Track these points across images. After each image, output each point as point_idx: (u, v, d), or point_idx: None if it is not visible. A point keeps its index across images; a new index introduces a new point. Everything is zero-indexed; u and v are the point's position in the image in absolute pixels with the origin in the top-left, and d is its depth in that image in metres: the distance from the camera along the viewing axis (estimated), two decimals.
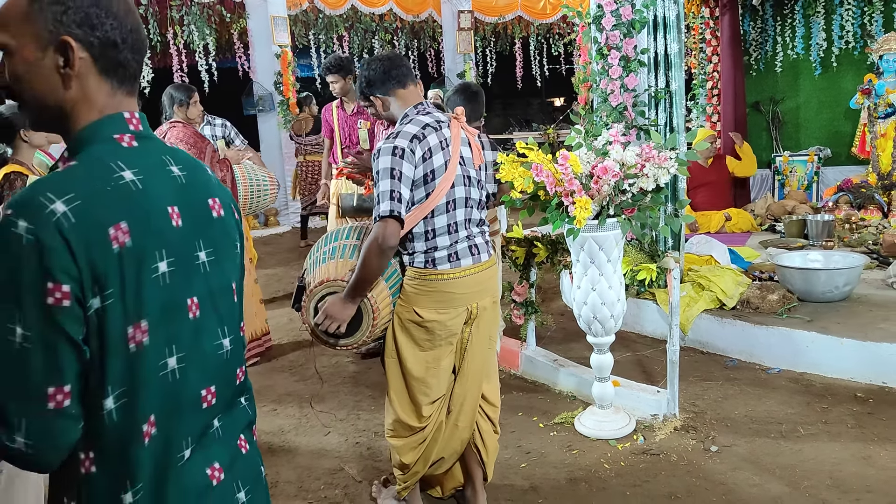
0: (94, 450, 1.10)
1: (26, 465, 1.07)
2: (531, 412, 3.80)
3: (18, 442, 1.03)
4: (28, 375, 1.02)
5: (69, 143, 1.15)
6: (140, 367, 1.10)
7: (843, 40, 7.87)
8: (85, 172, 1.08)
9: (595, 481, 3.10)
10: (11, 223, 1.01)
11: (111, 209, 1.06)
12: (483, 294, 2.60)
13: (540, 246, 4.05)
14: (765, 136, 8.54)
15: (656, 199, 3.22)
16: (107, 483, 1.11)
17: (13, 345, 1.01)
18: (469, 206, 2.57)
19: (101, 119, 1.14)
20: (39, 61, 1.10)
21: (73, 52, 1.10)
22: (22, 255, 1.00)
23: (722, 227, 6.79)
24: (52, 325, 1.02)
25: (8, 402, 1.02)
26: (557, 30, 13.40)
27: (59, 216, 1.01)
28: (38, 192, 1.03)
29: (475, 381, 2.68)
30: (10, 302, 1.01)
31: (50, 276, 1.01)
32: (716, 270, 4.80)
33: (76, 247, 1.02)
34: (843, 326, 4.11)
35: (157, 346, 1.12)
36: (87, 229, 1.03)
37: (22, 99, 1.14)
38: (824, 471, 3.05)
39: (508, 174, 3.14)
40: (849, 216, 6.30)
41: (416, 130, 2.44)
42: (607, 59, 4.67)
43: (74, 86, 1.12)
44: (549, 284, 5.90)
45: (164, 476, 1.14)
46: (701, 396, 3.85)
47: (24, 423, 1.02)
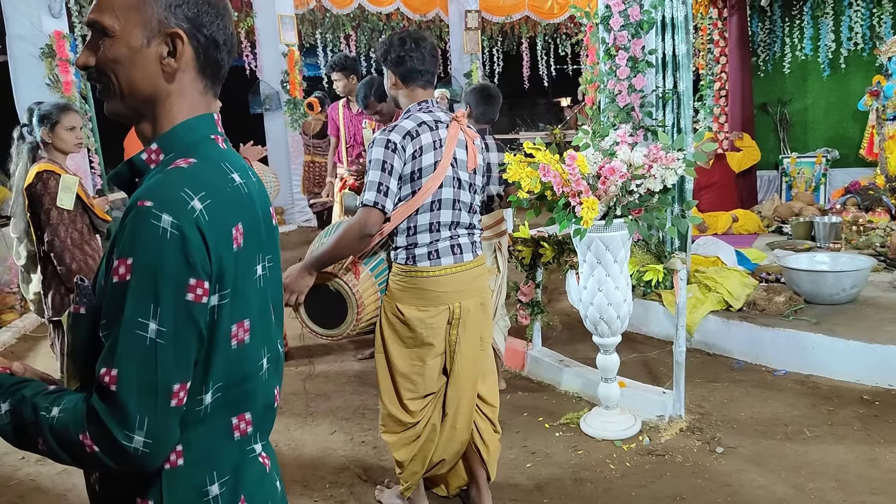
0: (183, 444, 1.08)
1: (132, 466, 1.02)
2: (537, 412, 3.80)
3: (136, 441, 0.99)
4: (157, 371, 0.99)
5: (159, 136, 1.14)
6: (241, 364, 1.11)
7: (852, 42, 7.85)
8: (208, 171, 1.08)
9: (600, 482, 3.10)
10: (154, 215, 0.99)
11: (232, 210, 1.07)
12: (466, 294, 2.59)
13: (546, 246, 4.05)
14: (772, 138, 8.52)
15: (663, 199, 3.22)
16: (193, 475, 1.10)
17: (144, 340, 0.98)
18: (457, 208, 2.57)
19: (197, 118, 1.15)
20: (144, 48, 1.10)
21: (183, 45, 1.11)
22: (165, 249, 0.98)
23: (729, 228, 6.78)
24: (188, 321, 1.01)
25: (130, 398, 0.98)
26: (565, 30, 13.37)
27: (198, 213, 1.01)
28: (177, 188, 1.02)
29: (467, 383, 2.67)
30: (146, 296, 0.98)
31: (194, 272, 1.00)
32: (722, 272, 4.79)
33: (210, 244, 1.02)
34: (849, 329, 4.10)
35: (256, 345, 1.13)
36: (218, 228, 1.04)
37: (112, 82, 1.12)
38: (830, 473, 3.05)
39: (515, 174, 3.15)
40: (856, 218, 6.27)
41: (411, 127, 2.46)
42: (615, 59, 4.67)
43: (173, 79, 1.13)
44: (555, 285, 5.90)
45: (242, 468, 1.16)
46: (707, 398, 3.84)
47: (147, 421, 0.99)
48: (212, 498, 1.11)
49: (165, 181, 1.04)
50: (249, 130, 6.22)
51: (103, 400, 0.99)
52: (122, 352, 0.98)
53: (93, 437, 0.99)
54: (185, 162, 1.08)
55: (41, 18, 6.41)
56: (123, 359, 0.98)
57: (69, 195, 3.17)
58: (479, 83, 4.01)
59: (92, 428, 0.99)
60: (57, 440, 1.02)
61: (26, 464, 3.51)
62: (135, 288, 0.98)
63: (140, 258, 0.98)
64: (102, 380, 0.99)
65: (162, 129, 1.14)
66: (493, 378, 2.87)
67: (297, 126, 9.69)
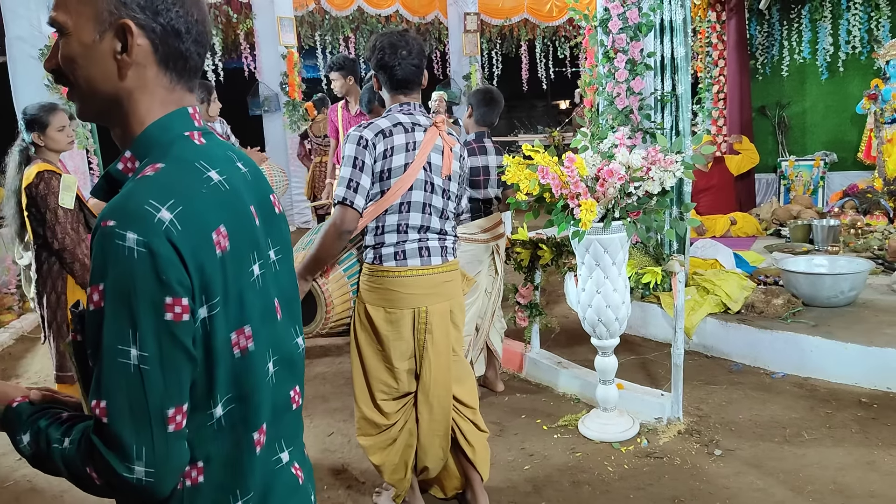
0: (202, 460, 1.04)
1: (140, 496, 0.98)
2: (534, 414, 3.80)
3: (137, 472, 0.95)
4: (146, 398, 0.94)
5: (133, 140, 1.07)
6: (247, 373, 1.06)
7: (850, 45, 7.87)
8: (178, 175, 1.01)
9: (598, 484, 3.10)
10: (118, 235, 0.92)
11: (210, 213, 1.00)
12: (433, 298, 2.57)
13: (545, 248, 4.05)
14: (771, 141, 8.53)
15: (662, 202, 3.22)
16: (215, 493, 1.06)
17: (128, 367, 0.93)
18: (427, 212, 2.56)
19: (168, 115, 1.07)
20: (96, 44, 1.02)
21: (132, 37, 1.02)
22: (135, 270, 0.92)
23: (727, 231, 6.79)
24: (171, 342, 0.95)
25: (124, 429, 0.94)
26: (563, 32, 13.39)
27: (167, 224, 0.94)
28: (141, 200, 0.95)
29: (440, 390, 2.64)
30: (122, 322, 0.93)
31: (169, 290, 0.94)
32: (721, 274, 4.79)
33: (186, 256, 0.95)
34: (847, 331, 4.10)
35: (261, 351, 1.08)
36: (194, 236, 0.97)
37: (73, 84, 1.06)
38: (828, 476, 3.04)
39: (514, 176, 3.15)
40: (854, 221, 6.28)
41: (385, 126, 2.48)
42: (614, 62, 4.68)
43: (131, 74, 1.04)
44: (553, 287, 5.90)
45: (269, 481, 1.11)
46: (705, 400, 3.84)
47: (144, 451, 0.95)
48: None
49: (129, 195, 0.97)
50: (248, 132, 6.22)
51: (98, 434, 0.96)
52: (107, 382, 0.94)
53: (97, 471, 0.97)
54: (152, 169, 1.00)
55: (40, 20, 6.40)
56: (110, 389, 0.94)
57: (70, 194, 3.21)
58: (484, 86, 4.02)
59: (94, 463, 0.97)
60: (69, 471, 1.00)
61: (23, 465, 3.50)
62: (110, 314, 0.93)
63: (111, 283, 0.93)
64: (94, 412, 0.95)
65: (133, 132, 1.07)
66: (471, 381, 2.85)
67: (295, 128, 9.69)
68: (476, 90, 4.02)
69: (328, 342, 5.08)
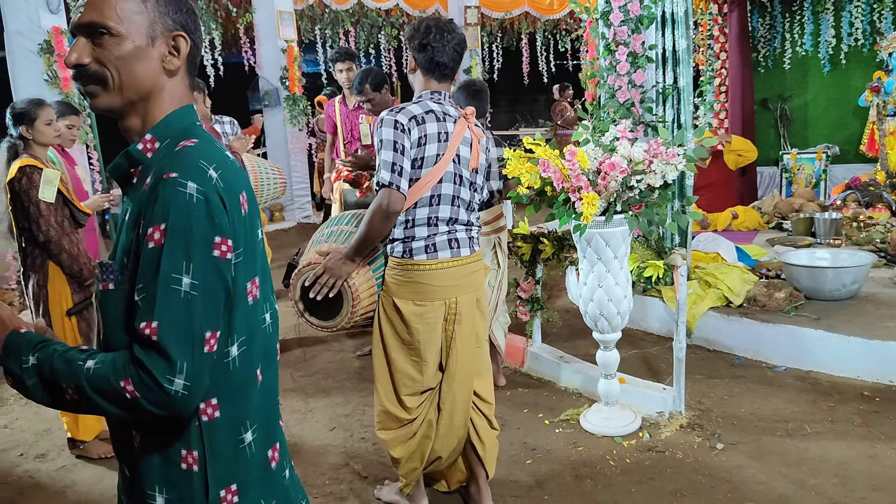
0: (217, 396, 1.21)
1: (169, 409, 1.12)
2: (536, 409, 3.79)
3: (177, 384, 1.11)
4: (192, 320, 1.12)
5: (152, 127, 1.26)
6: (254, 318, 1.25)
7: (853, 37, 7.84)
8: (210, 148, 1.22)
9: (600, 478, 3.09)
10: (180, 184, 1.13)
11: (237, 181, 1.21)
12: (462, 289, 2.57)
13: (546, 242, 4.04)
14: (773, 134, 8.51)
15: (664, 195, 3.21)
16: (229, 425, 1.23)
17: (179, 293, 1.11)
18: (456, 204, 2.55)
19: (183, 108, 1.29)
20: (147, 49, 1.24)
21: (186, 45, 1.28)
22: (193, 212, 1.12)
23: (729, 224, 6.77)
24: (216, 275, 1.15)
25: (171, 345, 1.10)
26: (564, 26, 13.35)
27: (215, 180, 1.16)
28: (194, 160, 1.17)
29: (464, 380, 2.65)
30: (179, 255, 1.11)
31: (218, 230, 1.15)
32: (723, 268, 4.78)
33: (228, 207, 1.17)
34: (850, 325, 4.09)
35: (262, 301, 1.27)
36: (230, 194, 1.18)
37: (112, 78, 1.23)
38: (830, 469, 3.04)
39: (515, 170, 3.13)
40: (857, 214, 6.26)
41: (418, 112, 2.45)
42: (615, 54, 4.65)
43: (174, 75, 1.28)
44: (555, 281, 5.89)
45: (269, 413, 1.32)
46: (707, 394, 3.84)
47: (186, 366, 1.11)
48: (247, 445, 1.26)
49: (182, 156, 1.18)
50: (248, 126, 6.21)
51: (146, 350, 1.10)
52: (160, 305, 1.11)
53: (134, 383, 1.10)
54: (190, 142, 1.22)
55: (39, 14, 6.38)
56: (163, 311, 1.11)
57: (51, 188, 3.23)
58: (464, 79, 3.97)
59: (135, 374, 1.10)
60: (92, 387, 1.12)
61: (25, 460, 3.50)
62: (169, 248, 1.11)
63: (172, 222, 1.11)
64: (143, 332, 1.10)
65: (153, 120, 1.27)
66: (489, 375, 2.85)
67: (296, 122, 9.66)
68: (459, 87, 3.93)
69: (330, 337, 5.08)
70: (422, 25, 2.51)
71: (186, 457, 1.21)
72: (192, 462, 1.21)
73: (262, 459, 1.30)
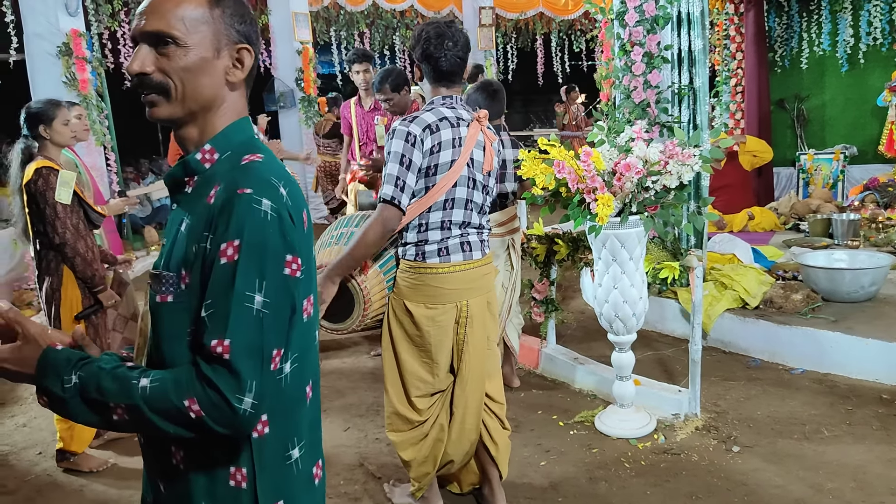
0: (268, 412, 1.20)
1: (234, 428, 1.11)
2: (551, 410, 3.78)
3: (246, 403, 1.09)
4: (263, 338, 1.11)
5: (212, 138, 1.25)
6: (308, 335, 1.25)
7: (871, 37, 7.76)
8: (276, 165, 1.22)
9: (615, 480, 3.08)
10: (255, 200, 1.12)
11: (300, 198, 1.22)
12: (474, 292, 2.57)
13: (561, 243, 4.03)
14: (789, 134, 8.44)
15: (679, 196, 3.19)
16: (278, 442, 1.22)
17: (251, 311, 1.10)
18: (469, 208, 2.54)
19: (241, 120, 1.29)
20: (213, 59, 1.23)
21: (251, 58, 1.27)
22: (268, 230, 1.11)
23: (745, 225, 6.72)
24: (285, 293, 1.14)
25: (242, 364, 1.09)
26: (579, 26, 13.32)
27: (286, 197, 1.16)
28: (266, 176, 1.16)
29: (476, 383, 2.64)
30: (253, 272, 1.10)
31: (290, 248, 1.14)
32: (739, 269, 4.75)
33: (297, 225, 1.17)
34: (868, 327, 4.05)
35: (314, 319, 1.27)
36: (297, 211, 1.18)
37: (174, 88, 1.21)
38: (848, 473, 3.01)
39: (530, 171, 3.13)
40: (875, 215, 6.20)
41: (431, 121, 2.44)
42: (630, 55, 4.64)
43: (236, 87, 1.27)
44: (569, 282, 5.87)
45: (315, 430, 1.32)
46: (723, 396, 3.81)
47: (255, 384, 1.10)
48: (293, 461, 1.25)
49: (253, 171, 1.16)
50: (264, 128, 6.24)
51: (215, 368, 1.08)
52: (233, 323, 1.09)
53: (201, 403, 1.08)
54: (257, 157, 1.21)
55: (58, 17, 6.45)
56: (235, 329, 1.09)
57: (67, 189, 3.22)
58: (482, 80, 3.96)
59: (202, 393, 1.08)
60: (151, 407, 1.09)
61: (43, 459, 3.54)
62: (243, 265, 1.10)
63: (247, 239, 1.10)
64: (214, 350, 1.08)
65: (212, 131, 1.25)
66: (499, 376, 2.85)
67: (311, 123, 9.70)
68: (476, 88, 3.89)
69: (344, 337, 5.09)
70: (421, 35, 2.50)
71: (235, 474, 1.20)
72: (241, 479, 1.20)
73: (308, 476, 1.29)
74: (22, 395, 4.34)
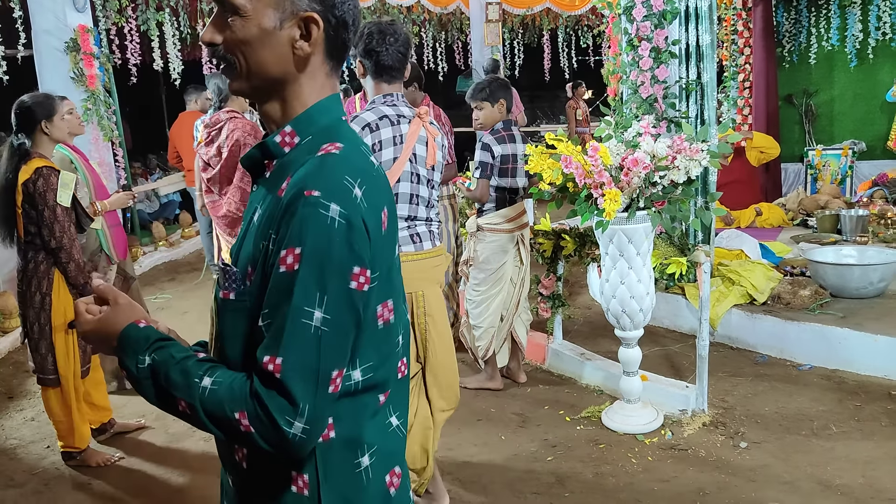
0: (333, 417, 1.09)
1: (285, 451, 1.02)
2: (558, 406, 3.78)
3: (296, 427, 1.00)
4: (320, 359, 1.01)
5: (293, 117, 1.13)
6: (385, 343, 1.13)
7: (881, 31, 7.71)
8: (357, 157, 1.09)
9: (622, 476, 3.08)
10: (322, 205, 1.00)
11: (380, 195, 1.08)
12: (427, 282, 2.65)
13: (567, 239, 4.03)
14: (797, 130, 8.40)
15: (687, 191, 3.18)
16: (344, 449, 1.11)
17: (309, 328, 1.00)
18: (414, 202, 2.61)
19: (328, 99, 1.15)
20: (276, 31, 1.09)
21: (318, 29, 1.10)
22: (333, 238, 1.00)
23: (753, 221, 6.70)
24: (349, 309, 1.03)
25: (295, 385, 0.99)
26: (586, 21, 13.27)
27: (360, 199, 1.03)
28: (339, 176, 1.03)
29: (447, 371, 2.72)
30: (313, 285, 1.00)
31: (359, 260, 1.02)
32: (746, 265, 4.73)
33: (370, 229, 1.04)
34: (877, 323, 4.04)
35: (396, 323, 1.15)
36: (373, 214, 1.05)
37: (239, 62, 1.11)
38: (857, 469, 3.00)
39: (537, 166, 3.13)
40: (884, 211, 6.17)
41: (371, 119, 2.50)
42: (637, 50, 4.62)
43: (304, 61, 1.11)
44: (576, 278, 5.86)
45: (384, 439, 1.17)
46: (730, 392, 3.80)
47: (308, 408, 1.00)
48: (363, 469, 1.13)
49: (325, 168, 1.04)
50: None
51: (267, 386, 1.00)
52: (287, 340, 0.99)
53: (251, 419, 1.00)
54: (335, 147, 1.07)
55: (66, 12, 6.45)
56: (289, 347, 0.99)
57: (67, 192, 3.14)
58: (492, 75, 3.94)
59: (253, 410, 1.00)
60: (206, 411, 1.03)
61: (52, 452, 3.55)
62: (303, 277, 0.99)
63: (309, 248, 0.99)
64: (266, 367, 1.00)
65: (293, 110, 1.13)
66: None
67: None
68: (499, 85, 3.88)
69: None
70: (364, 31, 2.54)
71: (297, 479, 1.10)
72: (303, 486, 1.10)
73: (380, 486, 1.16)
74: (30, 389, 4.36)
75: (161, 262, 7.75)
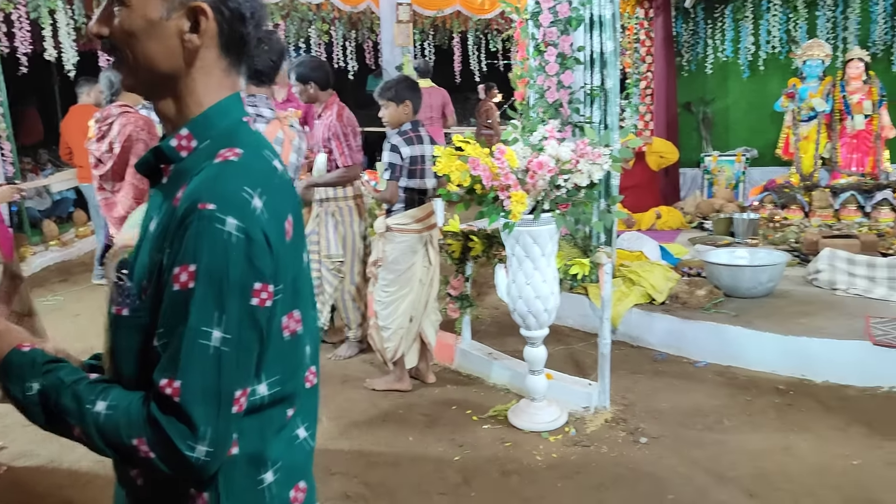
0: (237, 433, 1.03)
1: (188, 474, 0.98)
2: (465, 405, 3.80)
3: (199, 451, 0.95)
4: (220, 380, 0.95)
5: (189, 119, 1.06)
6: (292, 355, 1.08)
7: (770, 45, 8.14)
8: (257, 163, 1.03)
9: (527, 473, 3.12)
10: (218, 219, 0.94)
11: (283, 202, 1.03)
12: None
13: (476, 240, 4.06)
14: (695, 136, 8.75)
15: (590, 194, 3.26)
16: (247, 465, 1.06)
17: (208, 349, 0.94)
18: None
19: (227, 99, 1.08)
20: (162, 22, 1.02)
21: (206, 20, 1.02)
22: (231, 255, 0.94)
23: (653, 224, 6.94)
24: (251, 326, 0.98)
25: (195, 409, 0.94)
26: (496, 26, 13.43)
27: (259, 210, 0.97)
28: (237, 186, 0.97)
29: None
30: (210, 305, 0.94)
31: (259, 276, 0.97)
32: (646, 266, 4.89)
33: (272, 241, 0.98)
34: (766, 321, 4.25)
35: (304, 334, 1.09)
36: (275, 224, 0.99)
37: (126, 56, 1.04)
38: (747, 461, 3.14)
39: (445, 167, 3.13)
40: (773, 215, 6.51)
41: None
42: (544, 55, 4.71)
43: (193, 55, 1.04)
44: (484, 279, 5.91)
45: (291, 454, 1.12)
46: (631, 389, 3.92)
47: (210, 431, 0.95)
48: (266, 486, 1.08)
49: (222, 178, 0.98)
50: None
51: (164, 411, 0.94)
52: (185, 362, 0.94)
53: (150, 445, 0.95)
54: (234, 154, 1.01)
55: None
56: (187, 369, 0.94)
57: None
58: (401, 75, 3.93)
59: (151, 436, 0.95)
60: (102, 437, 0.97)
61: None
62: (199, 296, 0.94)
63: (205, 265, 0.94)
64: (164, 391, 0.94)
65: (189, 110, 1.07)
66: None
67: None
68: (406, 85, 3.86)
69: None
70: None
71: (196, 498, 1.05)
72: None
73: (284, 502, 1.11)
74: None
75: (53, 263, 7.35)
